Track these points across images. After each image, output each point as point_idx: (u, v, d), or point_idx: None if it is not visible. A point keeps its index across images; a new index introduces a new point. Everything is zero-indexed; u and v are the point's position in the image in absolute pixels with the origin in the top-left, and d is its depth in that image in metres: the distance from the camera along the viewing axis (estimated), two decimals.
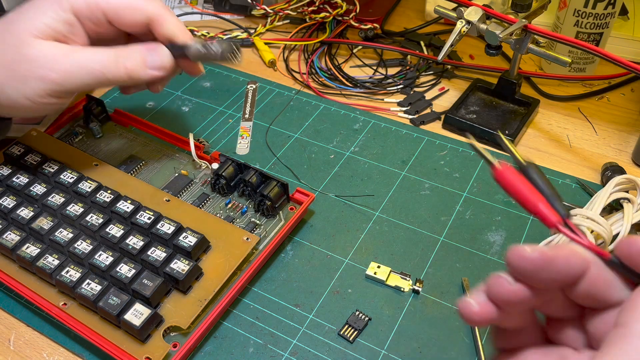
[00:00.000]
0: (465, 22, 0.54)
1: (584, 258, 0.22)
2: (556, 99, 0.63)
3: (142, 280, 0.41)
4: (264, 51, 0.70)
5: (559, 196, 0.24)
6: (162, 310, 0.42)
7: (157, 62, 0.42)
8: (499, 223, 0.49)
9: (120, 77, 0.41)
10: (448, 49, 0.55)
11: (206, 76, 0.67)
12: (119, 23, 0.43)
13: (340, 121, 0.60)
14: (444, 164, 0.55)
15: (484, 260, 0.46)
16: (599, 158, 0.55)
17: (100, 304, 0.40)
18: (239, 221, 0.48)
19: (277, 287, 0.45)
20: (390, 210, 0.51)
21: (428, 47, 0.70)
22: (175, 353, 0.39)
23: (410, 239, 0.48)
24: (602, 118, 0.60)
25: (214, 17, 0.78)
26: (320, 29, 0.74)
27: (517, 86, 0.59)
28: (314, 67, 0.68)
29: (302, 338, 0.42)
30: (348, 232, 0.49)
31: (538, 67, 0.68)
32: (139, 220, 0.45)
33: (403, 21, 0.76)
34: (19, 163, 0.50)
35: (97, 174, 0.50)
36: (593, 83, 0.64)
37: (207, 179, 0.52)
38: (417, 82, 0.66)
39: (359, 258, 0.47)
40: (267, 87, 0.65)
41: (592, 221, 0.42)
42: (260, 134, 0.59)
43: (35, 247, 0.44)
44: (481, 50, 0.69)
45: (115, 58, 0.41)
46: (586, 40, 0.61)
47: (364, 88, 0.65)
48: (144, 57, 0.42)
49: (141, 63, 0.41)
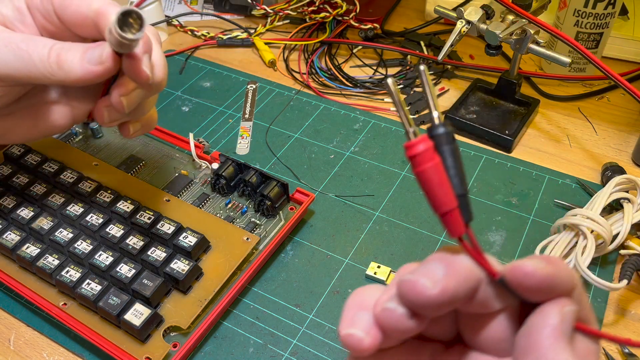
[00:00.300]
0: (465, 22, 0.54)
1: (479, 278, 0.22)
2: (556, 99, 0.63)
3: (142, 280, 0.41)
4: (264, 51, 0.70)
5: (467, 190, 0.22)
6: (162, 310, 0.42)
7: (96, 56, 0.34)
8: (499, 223, 0.49)
9: (51, 66, 0.34)
10: (448, 49, 0.55)
11: (206, 76, 0.67)
12: (65, 14, 0.37)
13: (340, 121, 0.60)
14: None
15: None
16: (599, 158, 0.55)
17: (100, 304, 0.40)
18: (239, 221, 0.48)
19: (277, 287, 0.45)
20: (390, 210, 0.51)
21: (428, 47, 0.70)
22: (175, 353, 0.39)
23: (410, 239, 0.48)
24: (602, 118, 0.60)
25: (214, 17, 0.78)
26: (320, 29, 0.74)
27: (517, 86, 0.59)
28: (314, 67, 0.68)
29: (302, 338, 0.42)
30: (348, 232, 0.49)
31: (538, 67, 0.68)
32: (139, 220, 0.45)
33: (403, 21, 0.76)
34: (19, 163, 0.50)
35: (97, 174, 0.50)
36: (593, 83, 0.64)
37: (207, 179, 0.52)
38: (417, 82, 0.65)
39: (359, 258, 0.47)
40: (267, 87, 0.65)
41: (592, 221, 0.42)
42: (260, 134, 0.59)
43: (35, 247, 0.44)
44: (481, 50, 0.69)
45: (50, 44, 0.35)
46: (586, 40, 0.61)
47: (364, 88, 0.65)
48: (83, 50, 0.35)
49: (79, 56, 0.35)
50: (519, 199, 0.51)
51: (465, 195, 0.22)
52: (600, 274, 0.45)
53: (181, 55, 0.71)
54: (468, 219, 0.22)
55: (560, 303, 0.21)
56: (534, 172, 0.54)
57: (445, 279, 0.20)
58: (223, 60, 0.71)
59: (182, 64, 0.69)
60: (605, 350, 0.40)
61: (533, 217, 0.49)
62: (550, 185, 0.52)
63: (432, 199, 0.22)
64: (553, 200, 0.51)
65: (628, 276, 0.42)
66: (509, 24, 0.53)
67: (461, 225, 0.22)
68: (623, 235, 0.42)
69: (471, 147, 0.57)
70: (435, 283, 0.20)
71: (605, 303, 0.43)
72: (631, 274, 0.42)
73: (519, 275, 0.21)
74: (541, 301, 0.22)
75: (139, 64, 0.35)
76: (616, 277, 0.44)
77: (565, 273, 0.22)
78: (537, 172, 0.54)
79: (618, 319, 0.42)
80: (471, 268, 0.22)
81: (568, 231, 0.43)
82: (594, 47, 0.62)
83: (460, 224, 0.22)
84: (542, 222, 0.49)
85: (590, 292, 0.44)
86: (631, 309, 0.43)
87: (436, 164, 0.21)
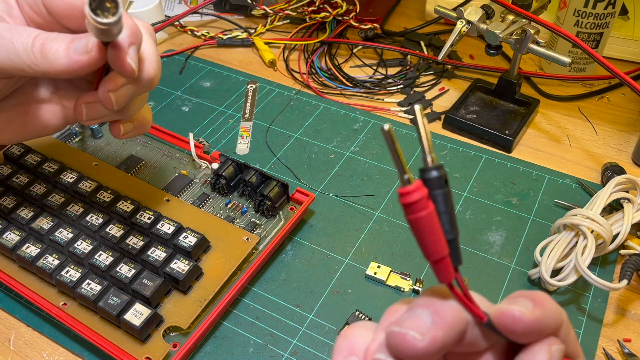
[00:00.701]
0: (465, 22, 0.54)
1: (466, 321, 0.22)
2: (556, 99, 0.63)
3: (142, 280, 0.41)
4: (264, 51, 0.70)
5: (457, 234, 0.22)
6: (162, 310, 0.41)
7: (82, 46, 0.33)
8: (499, 223, 0.49)
9: (35, 55, 0.33)
10: (448, 48, 0.55)
11: (206, 76, 0.67)
12: (53, 5, 0.36)
13: (340, 121, 0.60)
14: (444, 164, 0.55)
15: (484, 261, 0.46)
16: (599, 158, 0.55)
17: (100, 304, 0.40)
18: (239, 221, 0.48)
19: (277, 287, 0.45)
20: (390, 210, 0.51)
21: (428, 47, 0.70)
22: (175, 353, 0.39)
23: (410, 239, 0.48)
24: (602, 118, 0.60)
25: (214, 17, 0.78)
26: (320, 28, 0.74)
27: (517, 86, 0.59)
28: (314, 67, 0.68)
29: (302, 338, 0.42)
30: (348, 232, 0.49)
31: (538, 67, 0.68)
32: (139, 220, 0.45)
33: (403, 21, 0.76)
34: (19, 163, 0.50)
35: (97, 174, 0.50)
36: (593, 83, 0.64)
37: (207, 179, 0.52)
38: (417, 82, 0.66)
39: (359, 258, 0.47)
40: (267, 87, 0.65)
41: (592, 221, 0.42)
42: (260, 134, 0.59)
43: (35, 247, 0.44)
44: (481, 50, 0.69)
45: (35, 33, 0.34)
46: (586, 40, 0.61)
47: (364, 88, 0.65)
48: (69, 40, 0.34)
49: (63, 46, 0.33)
50: (519, 199, 0.51)
51: (455, 239, 0.22)
52: (600, 274, 0.45)
53: (181, 55, 0.71)
54: (457, 263, 0.22)
55: (548, 342, 0.22)
56: (534, 172, 0.54)
57: (434, 329, 0.20)
58: (223, 60, 0.71)
59: (182, 64, 0.69)
60: (606, 350, 0.40)
61: (533, 217, 0.49)
62: (550, 185, 0.52)
63: (425, 247, 0.22)
64: (553, 200, 0.51)
65: (628, 276, 0.42)
66: (509, 23, 0.53)
67: (451, 272, 0.22)
68: (623, 235, 0.42)
69: (471, 147, 0.57)
70: (424, 335, 0.20)
71: (605, 303, 0.43)
72: (631, 274, 0.42)
73: (506, 320, 0.21)
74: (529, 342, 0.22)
75: (123, 54, 0.33)
76: (616, 277, 0.44)
77: (552, 313, 0.22)
78: (537, 172, 0.54)
79: (618, 319, 0.42)
80: (459, 313, 0.22)
81: (568, 231, 0.43)
82: (594, 48, 0.62)
83: (450, 271, 0.22)
84: (542, 222, 0.49)
85: (590, 292, 0.44)
86: (631, 309, 0.43)
87: (430, 213, 0.21)
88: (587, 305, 0.43)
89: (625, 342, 0.41)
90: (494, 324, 0.21)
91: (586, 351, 0.40)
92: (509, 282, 0.45)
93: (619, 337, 0.41)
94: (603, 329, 0.42)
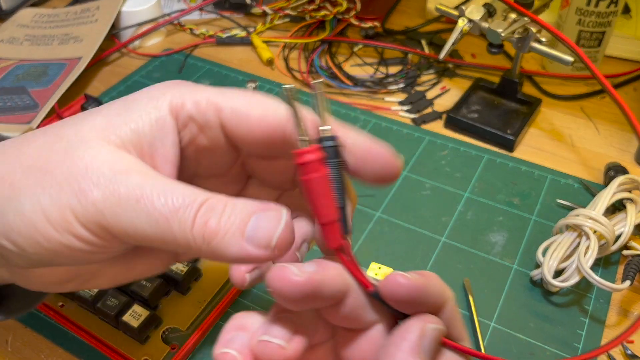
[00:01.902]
0: (466, 21, 0.53)
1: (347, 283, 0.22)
2: (558, 98, 0.62)
3: (140, 281, 0.41)
4: (261, 49, 0.69)
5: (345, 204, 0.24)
6: (160, 311, 0.41)
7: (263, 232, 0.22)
8: (501, 223, 0.49)
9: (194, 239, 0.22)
10: (449, 47, 0.54)
11: (206, 76, 0.67)
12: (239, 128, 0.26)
13: (341, 120, 0.60)
14: (445, 163, 0.55)
15: (485, 261, 0.46)
16: (601, 158, 0.55)
17: (99, 305, 0.40)
18: None
19: None
20: (391, 211, 0.50)
21: (429, 45, 0.69)
22: (174, 354, 0.39)
23: (411, 239, 0.48)
24: (605, 117, 0.60)
25: (214, 15, 0.78)
26: (320, 27, 0.73)
27: (519, 85, 0.58)
28: (314, 65, 0.67)
29: None
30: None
31: (540, 66, 0.67)
32: None
33: (404, 20, 0.76)
34: None
35: None
36: (596, 82, 0.64)
37: None
38: (418, 81, 0.65)
39: (360, 259, 0.46)
40: (267, 86, 0.65)
41: (594, 221, 0.41)
42: None
43: None
44: (483, 49, 0.69)
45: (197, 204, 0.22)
46: (589, 39, 0.61)
47: (364, 87, 0.64)
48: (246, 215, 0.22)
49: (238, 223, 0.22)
50: (521, 199, 0.51)
51: (345, 208, 0.23)
52: (603, 275, 0.44)
53: (180, 54, 0.71)
54: (346, 231, 0.24)
55: (423, 319, 0.22)
56: (536, 172, 0.53)
57: (314, 273, 0.21)
58: (222, 59, 0.70)
59: (181, 63, 0.69)
60: (609, 351, 0.40)
61: (535, 218, 0.49)
62: (552, 185, 0.52)
63: (315, 209, 0.23)
64: (555, 201, 0.50)
65: (631, 277, 0.41)
66: (510, 22, 0.53)
67: (339, 237, 0.23)
68: (626, 236, 0.42)
69: (472, 146, 0.56)
70: (303, 273, 0.21)
71: (608, 304, 0.43)
72: (634, 275, 0.42)
73: (389, 285, 0.22)
74: (412, 314, 0.23)
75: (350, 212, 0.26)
76: (619, 278, 0.44)
77: (436, 287, 0.23)
78: (539, 172, 0.53)
79: (620, 320, 0.42)
80: (341, 273, 0.23)
81: (570, 232, 0.43)
82: (596, 46, 0.61)
83: (338, 236, 0.23)
84: (544, 223, 0.49)
85: (592, 293, 0.43)
86: (634, 310, 0.43)
87: (322, 176, 0.22)
88: (589, 307, 0.43)
89: (628, 344, 0.40)
90: (379, 293, 0.23)
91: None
92: (511, 283, 0.44)
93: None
94: (606, 330, 0.41)
